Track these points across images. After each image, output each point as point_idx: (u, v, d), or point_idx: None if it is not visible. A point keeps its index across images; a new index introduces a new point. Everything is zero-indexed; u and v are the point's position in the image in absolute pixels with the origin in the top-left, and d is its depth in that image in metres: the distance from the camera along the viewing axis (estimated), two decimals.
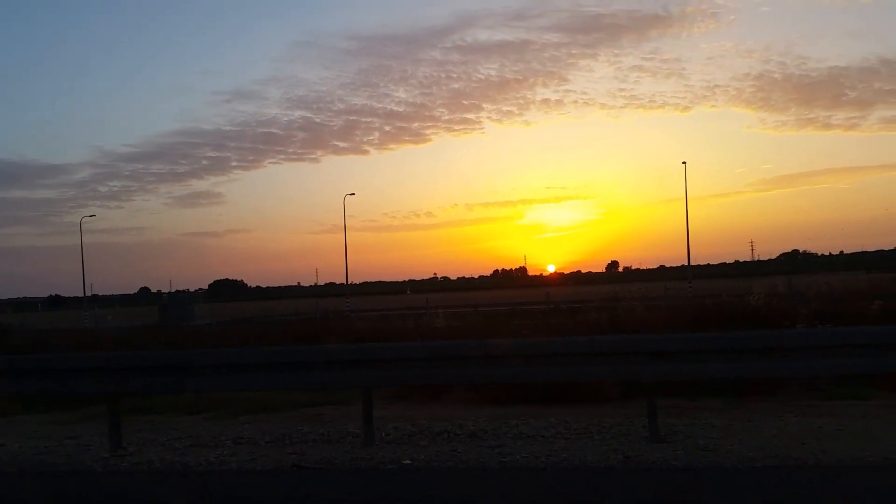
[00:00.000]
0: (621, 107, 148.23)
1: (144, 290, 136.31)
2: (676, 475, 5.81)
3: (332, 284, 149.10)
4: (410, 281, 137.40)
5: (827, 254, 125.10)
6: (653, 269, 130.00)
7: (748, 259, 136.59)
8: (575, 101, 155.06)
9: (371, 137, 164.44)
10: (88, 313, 53.52)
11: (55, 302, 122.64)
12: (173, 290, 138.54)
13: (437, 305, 32.99)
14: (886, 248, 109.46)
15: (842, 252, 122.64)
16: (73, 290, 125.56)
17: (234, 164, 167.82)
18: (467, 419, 8.29)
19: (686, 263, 55.32)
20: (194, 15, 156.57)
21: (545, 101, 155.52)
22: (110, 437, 7.60)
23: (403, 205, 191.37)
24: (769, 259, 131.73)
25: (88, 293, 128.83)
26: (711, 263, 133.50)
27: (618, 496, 5.27)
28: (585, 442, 6.99)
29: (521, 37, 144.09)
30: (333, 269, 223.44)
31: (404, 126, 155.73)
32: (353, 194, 76.41)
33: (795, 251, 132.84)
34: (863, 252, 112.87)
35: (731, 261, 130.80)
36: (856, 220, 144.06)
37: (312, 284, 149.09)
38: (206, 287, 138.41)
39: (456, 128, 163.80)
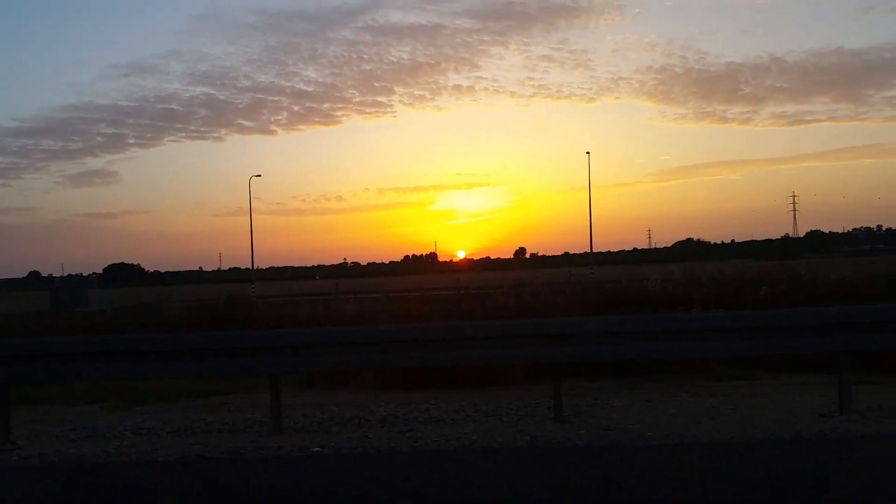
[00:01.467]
0: (530, 95, 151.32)
1: (34, 274, 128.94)
2: (580, 454, 6.02)
3: (236, 269, 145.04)
4: (319, 266, 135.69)
5: (719, 242, 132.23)
6: (558, 256, 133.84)
7: (646, 247, 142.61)
8: (486, 89, 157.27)
9: (279, 117, 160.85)
10: None
11: None
12: (65, 275, 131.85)
13: (347, 291, 32.72)
14: (774, 238, 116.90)
15: (733, 241, 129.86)
16: None
17: (131, 141, 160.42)
18: (378, 405, 8.30)
19: (589, 251, 57.08)
20: None
21: (457, 87, 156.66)
22: None
23: (313, 188, 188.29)
24: (665, 247, 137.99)
25: None
26: (612, 251, 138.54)
27: (524, 475, 5.41)
28: (494, 424, 7.13)
29: (434, 20, 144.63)
30: (238, 254, 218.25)
31: (314, 107, 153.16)
32: (259, 176, 74.47)
33: (689, 239, 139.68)
34: (752, 241, 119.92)
35: (630, 248, 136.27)
36: (746, 211, 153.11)
37: (216, 269, 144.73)
38: (101, 271, 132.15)
39: (367, 110, 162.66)
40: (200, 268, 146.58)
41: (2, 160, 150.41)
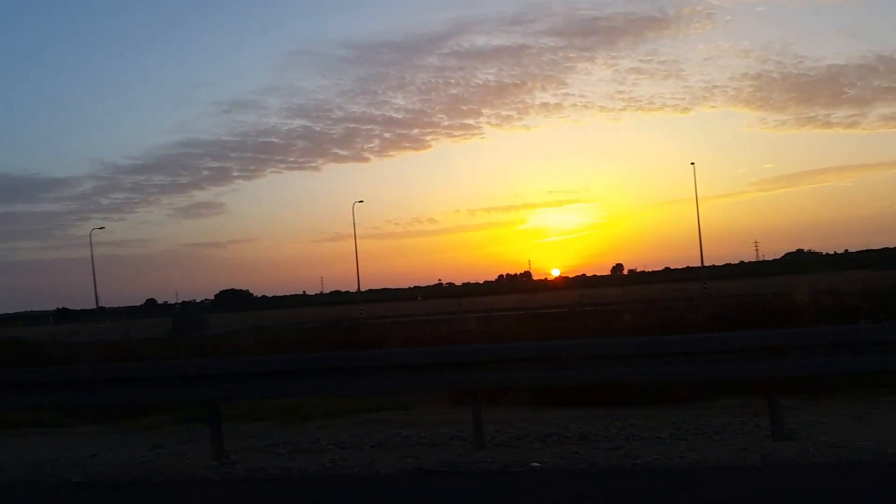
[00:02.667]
0: (620, 109, 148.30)
1: (151, 302, 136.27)
2: (822, 472, 5.70)
3: (337, 292, 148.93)
4: (416, 287, 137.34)
5: (832, 252, 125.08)
6: (658, 271, 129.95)
7: (753, 259, 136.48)
8: (574, 105, 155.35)
9: (371, 145, 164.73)
10: (102, 325, 53.40)
11: (63, 315, 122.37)
12: (180, 301, 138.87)
13: (466, 310, 32.86)
14: (891, 246, 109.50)
15: (846, 251, 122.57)
16: (79, 302, 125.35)
17: (235, 174, 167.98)
18: (566, 421, 8.17)
19: (695, 265, 55.69)
20: (191, 26, 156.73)
21: (544, 104, 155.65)
22: (213, 445, 7.47)
23: (406, 211, 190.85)
24: (774, 259, 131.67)
25: (95, 306, 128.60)
26: (717, 264, 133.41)
27: (777, 494, 5.16)
28: (706, 442, 6.87)
29: (518, 41, 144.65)
30: (338, 277, 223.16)
31: (404, 133, 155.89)
32: (362, 201, 76.26)
33: (800, 250, 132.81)
34: (868, 250, 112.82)
35: (736, 261, 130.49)
36: (858, 218, 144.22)
37: (318, 293, 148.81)
38: (213, 297, 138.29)
39: (456, 133, 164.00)
40: (304, 291, 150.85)
41: (118, 196, 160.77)
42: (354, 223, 72.36)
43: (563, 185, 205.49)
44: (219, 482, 6.54)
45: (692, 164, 61.08)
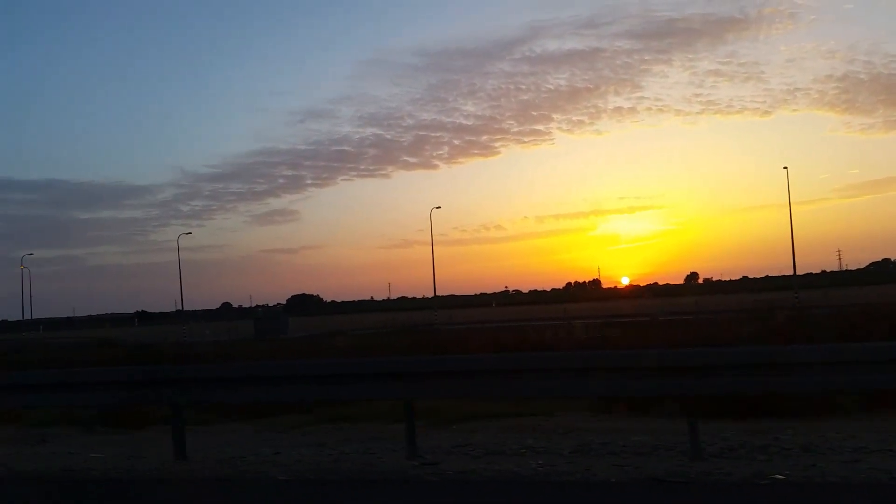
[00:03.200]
0: (698, 112, 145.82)
1: (226, 305, 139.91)
2: None
3: (404, 298, 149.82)
4: (483, 294, 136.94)
5: None
6: (735, 281, 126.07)
7: (835, 269, 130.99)
8: (649, 109, 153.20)
9: (440, 152, 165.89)
10: (186, 327, 54.90)
11: (142, 317, 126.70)
12: (254, 305, 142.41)
13: (573, 316, 32.36)
14: None
15: None
16: (157, 305, 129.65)
17: (308, 181, 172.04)
18: (762, 433, 7.67)
19: (774, 273, 53.26)
20: (269, 38, 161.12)
21: (617, 109, 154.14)
22: (407, 444, 7.28)
23: (473, 218, 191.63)
24: (859, 269, 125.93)
25: (174, 309, 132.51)
26: (797, 273, 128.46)
27: None
28: None
29: (592, 45, 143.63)
30: (405, 283, 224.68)
31: (473, 139, 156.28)
32: (439, 207, 75.95)
33: (886, 260, 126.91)
34: None
35: (817, 271, 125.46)
36: None
37: (385, 298, 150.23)
38: (285, 301, 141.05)
39: (525, 139, 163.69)
40: (371, 297, 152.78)
41: (197, 203, 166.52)
42: (432, 229, 72.60)
43: (634, 192, 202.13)
44: (441, 483, 6.28)
45: (784, 168, 59.23)
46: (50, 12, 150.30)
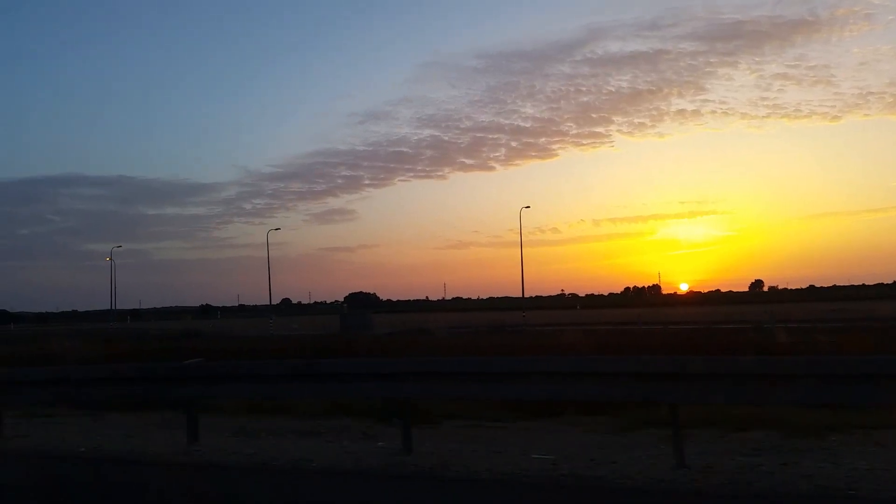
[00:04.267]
0: (764, 116, 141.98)
1: (286, 301, 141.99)
2: None
3: (458, 299, 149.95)
4: (538, 297, 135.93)
5: None
6: (802, 289, 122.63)
7: None
8: (713, 112, 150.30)
9: (497, 154, 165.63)
10: (273, 321, 55.81)
11: (205, 311, 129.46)
12: (312, 302, 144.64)
13: (668, 321, 31.55)
14: None
15: None
16: (219, 300, 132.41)
17: (366, 182, 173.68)
18: None
19: (842, 283, 51.07)
20: (330, 42, 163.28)
21: (680, 111, 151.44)
22: (675, 451, 6.97)
23: (528, 221, 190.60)
24: None
25: (236, 304, 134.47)
26: (867, 283, 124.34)
27: None
28: None
29: (655, 46, 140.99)
30: (460, 284, 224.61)
31: (531, 142, 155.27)
32: (529, 207, 72.79)
33: None
34: None
35: (890, 281, 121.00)
36: None
37: (440, 299, 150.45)
38: (343, 299, 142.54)
39: (584, 142, 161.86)
40: (427, 297, 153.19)
41: (260, 202, 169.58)
42: (521, 229, 71.28)
43: (695, 196, 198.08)
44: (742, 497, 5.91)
45: None
46: (121, 16, 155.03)
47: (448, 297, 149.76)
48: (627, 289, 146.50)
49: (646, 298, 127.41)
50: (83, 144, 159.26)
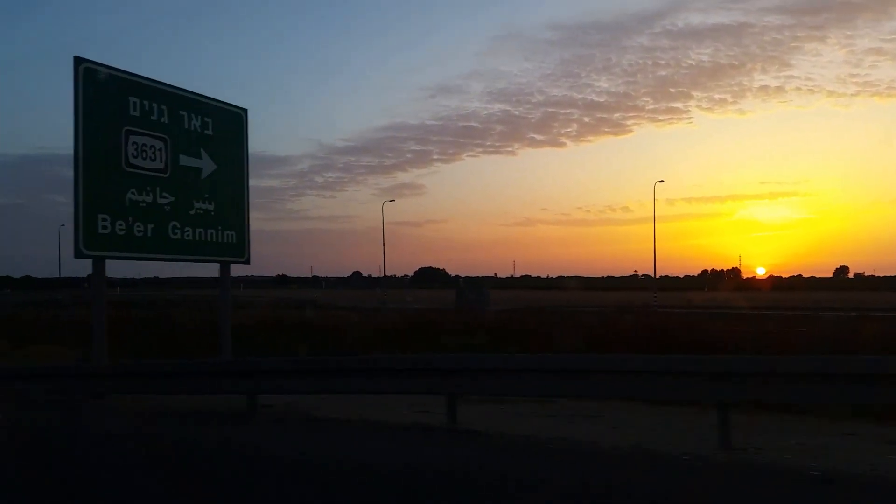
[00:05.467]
0: (853, 94, 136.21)
1: (357, 274, 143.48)
2: None
3: (527, 276, 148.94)
4: (609, 277, 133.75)
5: None
6: (892, 277, 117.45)
7: None
8: (798, 89, 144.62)
9: (569, 129, 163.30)
10: (386, 294, 55.91)
11: (282, 281, 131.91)
12: (382, 276, 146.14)
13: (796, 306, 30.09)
14: None
15: None
16: (294, 270, 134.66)
17: (435, 157, 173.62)
18: None
19: None
20: (402, 17, 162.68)
21: (763, 88, 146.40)
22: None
23: (598, 199, 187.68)
24: None
25: (309, 275, 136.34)
26: None
27: None
28: None
29: (739, 19, 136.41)
30: (529, 261, 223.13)
31: (604, 117, 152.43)
32: (662, 181, 71.17)
33: None
34: None
35: None
36: None
37: (509, 276, 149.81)
38: (412, 273, 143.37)
39: (661, 118, 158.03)
40: (496, 274, 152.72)
41: (331, 175, 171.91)
42: (654, 205, 69.13)
43: (777, 176, 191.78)
44: None
45: None
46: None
47: (517, 275, 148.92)
48: (705, 272, 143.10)
49: (724, 282, 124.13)
50: None
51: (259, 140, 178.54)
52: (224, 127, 13.04)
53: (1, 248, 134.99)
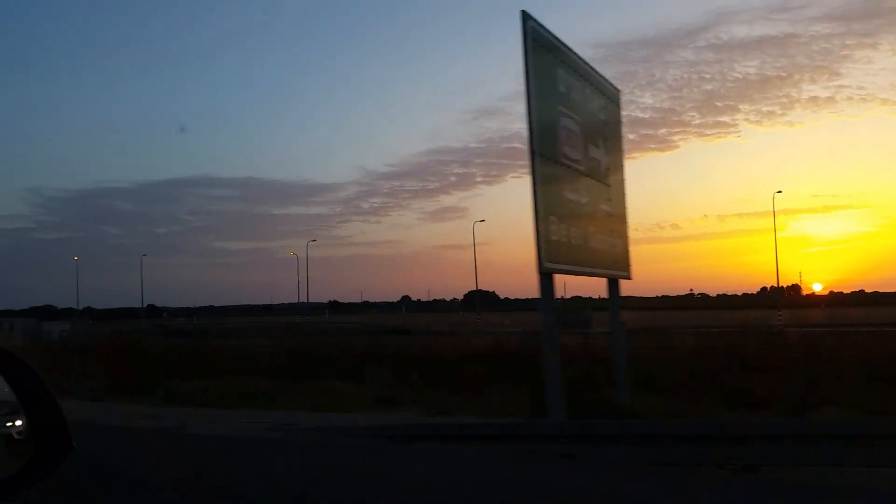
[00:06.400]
0: None
1: (406, 298, 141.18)
2: None
3: (578, 297, 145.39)
4: (664, 297, 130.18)
5: None
6: None
7: None
8: (850, 98, 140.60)
9: None
10: (480, 317, 53.58)
11: (334, 307, 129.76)
12: (430, 299, 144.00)
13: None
14: None
15: None
16: (344, 296, 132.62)
17: (478, 179, 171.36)
18: None
19: None
20: (444, 39, 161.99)
21: (813, 98, 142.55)
22: None
23: (647, 217, 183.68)
24: None
25: (359, 300, 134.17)
26: None
27: None
28: None
29: (785, 30, 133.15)
30: (580, 284, 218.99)
31: (649, 133, 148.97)
32: (780, 192, 67.75)
33: None
34: None
35: None
36: None
37: (560, 297, 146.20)
38: (462, 297, 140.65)
39: (708, 132, 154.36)
40: None
41: (375, 200, 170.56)
42: (774, 215, 65.27)
43: (830, 189, 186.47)
44: None
45: None
46: (241, 27, 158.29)
47: (567, 297, 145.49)
48: (764, 288, 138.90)
49: (785, 299, 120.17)
50: (214, 148, 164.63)
51: (306, 168, 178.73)
52: (611, 110, 10.54)
53: (65, 281, 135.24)
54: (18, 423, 1.84)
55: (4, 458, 1.93)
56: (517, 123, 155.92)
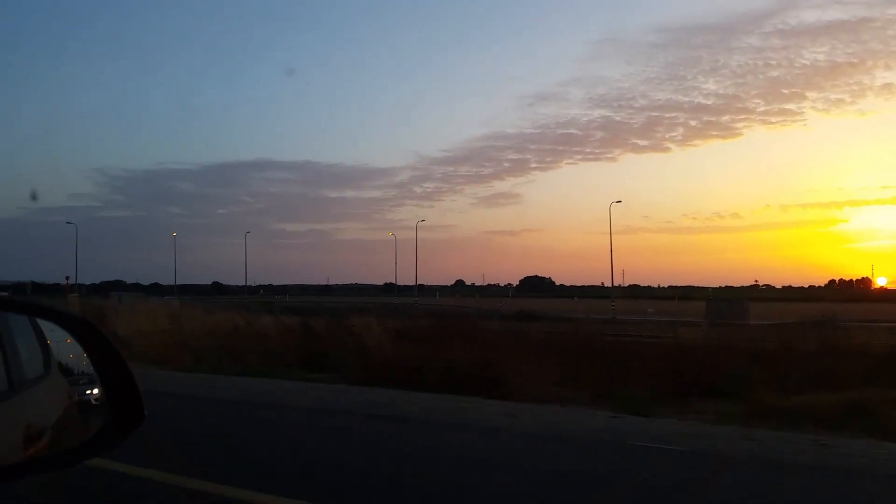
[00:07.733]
0: None
1: (460, 282, 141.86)
2: None
3: (636, 286, 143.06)
4: (728, 287, 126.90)
5: None
6: None
7: None
8: None
9: (674, 134, 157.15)
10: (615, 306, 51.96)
11: (388, 288, 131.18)
12: (485, 284, 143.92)
13: None
14: None
15: None
16: (400, 278, 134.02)
17: (533, 165, 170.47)
18: None
19: None
20: (501, 25, 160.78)
21: (886, 86, 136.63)
22: None
23: (706, 205, 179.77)
24: None
25: (413, 283, 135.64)
26: None
27: None
28: None
29: (859, 14, 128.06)
30: (634, 271, 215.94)
31: (712, 120, 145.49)
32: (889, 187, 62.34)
33: None
34: None
35: None
36: None
37: (617, 285, 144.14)
38: (517, 283, 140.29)
39: (772, 120, 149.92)
40: (602, 283, 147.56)
41: (429, 185, 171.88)
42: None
43: None
44: None
45: None
46: (307, 12, 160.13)
47: (625, 284, 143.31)
48: (832, 281, 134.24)
49: (855, 293, 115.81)
50: (274, 132, 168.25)
51: (362, 152, 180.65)
52: None
53: (131, 256, 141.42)
54: (96, 391, 1.92)
55: (80, 425, 2.02)
56: (574, 109, 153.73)
